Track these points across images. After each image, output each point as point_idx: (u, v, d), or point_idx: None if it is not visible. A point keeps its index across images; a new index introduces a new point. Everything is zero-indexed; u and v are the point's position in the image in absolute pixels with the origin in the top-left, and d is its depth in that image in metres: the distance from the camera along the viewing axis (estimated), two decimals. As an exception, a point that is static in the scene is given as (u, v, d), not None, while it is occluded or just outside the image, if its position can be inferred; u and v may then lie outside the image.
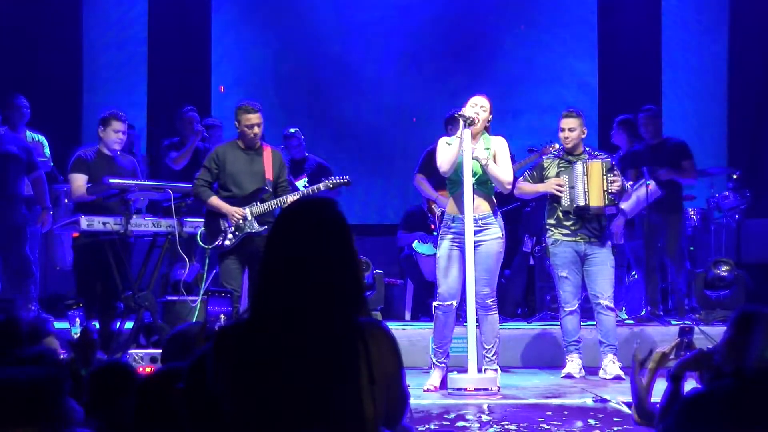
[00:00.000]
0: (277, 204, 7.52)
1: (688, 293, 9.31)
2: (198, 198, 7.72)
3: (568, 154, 7.72)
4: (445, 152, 6.96)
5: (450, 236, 6.99)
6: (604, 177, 7.56)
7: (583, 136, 7.74)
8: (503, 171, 6.98)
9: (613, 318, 7.64)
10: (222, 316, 6.09)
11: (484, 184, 6.99)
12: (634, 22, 11.39)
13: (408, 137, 11.27)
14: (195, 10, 11.50)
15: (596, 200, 7.56)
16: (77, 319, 3.80)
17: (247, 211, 7.54)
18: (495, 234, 7.00)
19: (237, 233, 7.53)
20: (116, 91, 11.38)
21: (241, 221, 7.51)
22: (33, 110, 9.29)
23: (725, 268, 9.26)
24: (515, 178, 8.99)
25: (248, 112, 7.59)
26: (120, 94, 11.30)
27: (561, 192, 7.63)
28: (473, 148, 6.85)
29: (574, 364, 7.59)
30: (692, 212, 9.83)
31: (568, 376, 7.52)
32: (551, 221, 7.71)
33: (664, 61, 11.48)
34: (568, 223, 7.63)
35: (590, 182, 7.56)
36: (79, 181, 8.00)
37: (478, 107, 6.98)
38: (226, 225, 7.55)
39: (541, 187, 7.73)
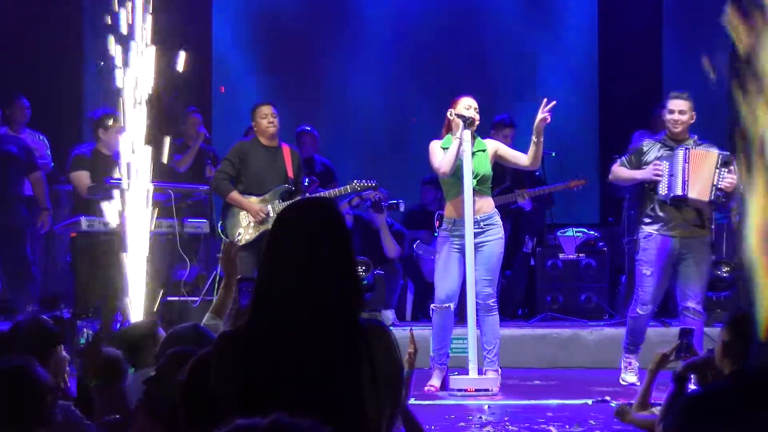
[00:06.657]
0: None
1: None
2: (217, 191, 7.91)
3: (671, 138, 7.09)
4: (443, 154, 6.92)
5: (450, 239, 6.97)
6: (717, 171, 6.86)
7: (692, 122, 7.06)
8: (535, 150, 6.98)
9: (701, 324, 6.89)
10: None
11: (485, 184, 6.98)
12: (635, 23, 11.37)
13: (408, 137, 11.26)
14: (196, 9, 11.49)
15: (698, 192, 6.88)
16: (85, 330, 3.78)
17: (270, 208, 7.66)
18: (497, 234, 6.98)
19: (258, 229, 7.64)
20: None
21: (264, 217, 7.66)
22: (33, 111, 9.28)
23: (725, 269, 9.24)
24: (534, 210, 9.03)
25: (263, 105, 7.85)
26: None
27: (659, 178, 6.97)
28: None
29: (633, 368, 7.12)
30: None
31: (631, 385, 6.94)
32: (649, 213, 7.05)
33: (665, 61, 11.47)
34: (664, 216, 6.99)
35: (694, 171, 6.89)
36: (85, 179, 7.99)
37: (472, 109, 6.94)
38: (249, 219, 7.67)
39: (638, 174, 7.09)
